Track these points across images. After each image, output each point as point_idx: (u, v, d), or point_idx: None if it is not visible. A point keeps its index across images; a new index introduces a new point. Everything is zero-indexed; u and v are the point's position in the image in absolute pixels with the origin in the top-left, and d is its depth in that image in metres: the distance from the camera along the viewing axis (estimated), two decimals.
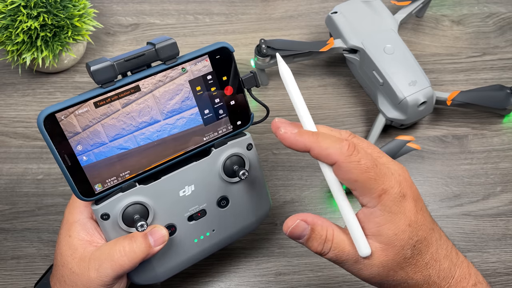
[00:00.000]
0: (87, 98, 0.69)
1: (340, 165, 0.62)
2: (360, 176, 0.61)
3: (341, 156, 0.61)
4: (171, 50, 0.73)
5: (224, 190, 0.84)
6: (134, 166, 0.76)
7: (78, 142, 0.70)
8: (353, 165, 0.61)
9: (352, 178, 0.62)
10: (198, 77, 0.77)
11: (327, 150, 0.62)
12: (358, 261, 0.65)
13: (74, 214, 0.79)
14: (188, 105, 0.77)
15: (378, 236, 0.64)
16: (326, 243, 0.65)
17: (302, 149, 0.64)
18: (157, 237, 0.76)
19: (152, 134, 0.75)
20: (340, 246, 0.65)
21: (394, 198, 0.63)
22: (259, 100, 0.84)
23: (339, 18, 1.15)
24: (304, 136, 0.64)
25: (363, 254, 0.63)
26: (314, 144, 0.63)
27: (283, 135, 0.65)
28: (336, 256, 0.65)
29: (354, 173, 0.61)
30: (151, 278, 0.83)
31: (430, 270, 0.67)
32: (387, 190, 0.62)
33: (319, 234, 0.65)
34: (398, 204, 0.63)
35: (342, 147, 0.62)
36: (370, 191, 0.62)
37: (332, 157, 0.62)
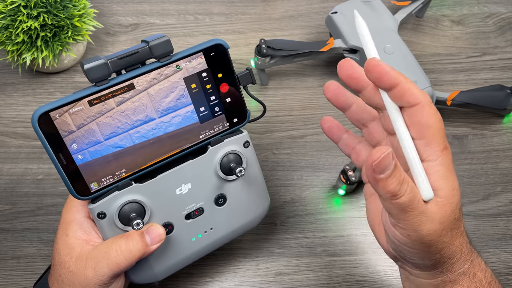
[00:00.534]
0: (81, 97, 0.70)
1: (423, 107, 0.60)
2: (436, 123, 0.61)
3: (426, 100, 0.61)
4: (165, 48, 0.73)
5: (221, 188, 0.84)
6: (130, 164, 0.76)
7: (73, 140, 0.70)
8: (433, 111, 0.61)
9: (428, 123, 0.61)
10: (193, 75, 0.76)
11: (414, 89, 0.60)
12: (424, 212, 0.62)
13: (71, 213, 0.79)
14: (183, 102, 0.77)
15: (438, 190, 0.62)
16: (404, 183, 0.61)
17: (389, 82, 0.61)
18: (153, 236, 0.76)
19: (148, 132, 0.75)
20: (414, 190, 0.62)
21: (450, 157, 0.63)
22: (255, 97, 0.84)
23: (339, 18, 1.15)
24: (395, 70, 0.62)
25: (427, 197, 0.62)
26: (403, 80, 0.61)
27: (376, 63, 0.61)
28: (409, 201, 0.61)
29: (432, 118, 0.61)
30: (149, 277, 0.83)
31: (463, 239, 0.67)
32: (447, 149, 0.62)
33: (399, 172, 0.60)
34: (451, 164, 0.63)
35: (424, 93, 0.61)
36: (437, 142, 0.61)
37: (417, 97, 0.60)
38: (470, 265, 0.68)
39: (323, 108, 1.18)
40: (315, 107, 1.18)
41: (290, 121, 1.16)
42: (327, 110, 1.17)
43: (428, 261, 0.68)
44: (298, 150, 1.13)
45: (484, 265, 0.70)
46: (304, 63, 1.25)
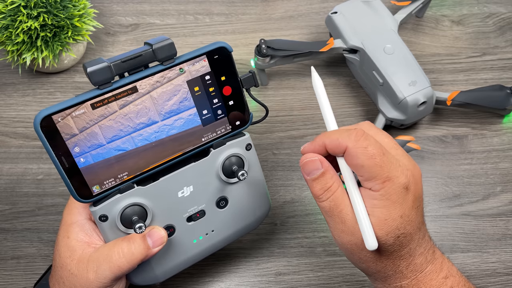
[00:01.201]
0: (84, 100, 0.69)
1: (349, 151, 0.64)
2: (366, 161, 0.63)
3: (350, 142, 0.64)
4: (169, 51, 0.73)
5: (223, 191, 0.84)
6: (132, 167, 0.76)
7: (75, 144, 0.70)
8: (360, 151, 0.64)
9: (359, 164, 0.64)
10: (196, 78, 0.76)
11: (337, 140, 0.65)
12: (345, 223, 0.67)
13: (73, 216, 0.79)
14: (186, 105, 0.77)
15: (370, 216, 0.66)
16: (328, 192, 0.67)
17: (321, 150, 0.68)
18: (155, 239, 0.76)
19: (150, 135, 0.75)
20: (338, 200, 0.67)
21: (396, 187, 0.64)
22: (258, 100, 0.84)
23: (339, 18, 1.15)
24: (317, 138, 0.68)
25: (370, 247, 0.64)
26: (326, 139, 0.67)
27: (303, 150, 0.70)
28: (330, 208, 0.68)
29: (360, 158, 0.64)
30: (150, 279, 0.83)
31: (401, 261, 0.69)
32: (391, 179, 0.64)
33: (326, 180, 0.67)
34: (398, 194, 0.64)
35: (350, 134, 0.65)
36: (375, 177, 0.64)
37: (342, 144, 0.65)
38: (413, 281, 0.70)
39: None
40: (315, 107, 1.18)
41: (290, 121, 1.16)
42: None
43: (357, 266, 0.73)
44: (298, 150, 1.12)
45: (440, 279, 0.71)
46: (304, 63, 1.25)
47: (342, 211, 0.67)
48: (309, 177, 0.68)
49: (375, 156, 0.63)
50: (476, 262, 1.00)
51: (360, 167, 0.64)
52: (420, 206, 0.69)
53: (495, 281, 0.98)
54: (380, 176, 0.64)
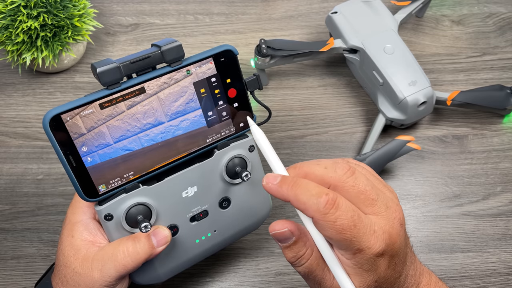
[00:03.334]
0: (93, 100, 0.69)
1: (316, 222, 0.61)
2: (335, 235, 0.60)
3: (317, 213, 0.60)
4: (177, 53, 0.73)
5: (226, 191, 0.84)
6: (138, 167, 0.76)
7: (83, 143, 0.70)
8: (328, 224, 0.60)
9: (327, 235, 0.61)
10: (203, 80, 0.77)
11: (304, 205, 0.61)
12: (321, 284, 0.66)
13: (77, 215, 0.79)
14: (192, 107, 0.77)
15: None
16: (301, 259, 0.65)
17: (285, 200, 0.63)
18: (160, 238, 0.76)
19: (156, 136, 0.75)
20: (313, 267, 0.65)
21: (368, 258, 0.62)
22: (262, 102, 0.84)
23: (339, 18, 1.15)
24: (284, 187, 0.63)
25: None
26: (292, 197, 0.62)
27: (265, 186, 0.65)
28: (305, 273, 0.66)
29: (328, 232, 0.60)
30: (152, 278, 0.83)
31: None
32: (363, 250, 0.61)
33: (299, 248, 0.65)
34: (371, 263, 0.62)
35: (319, 204, 0.60)
36: (344, 249, 0.62)
37: (308, 212, 0.61)
38: None
39: (323, 108, 1.19)
40: (315, 107, 1.19)
41: (290, 121, 1.16)
42: (327, 110, 1.18)
43: None
44: (298, 150, 1.13)
45: None
46: (304, 63, 1.26)
47: (317, 276, 0.66)
48: (281, 244, 0.66)
49: (344, 231, 0.60)
50: (476, 262, 1.00)
51: (329, 238, 0.62)
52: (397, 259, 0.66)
53: (495, 281, 0.98)
54: (350, 249, 0.61)
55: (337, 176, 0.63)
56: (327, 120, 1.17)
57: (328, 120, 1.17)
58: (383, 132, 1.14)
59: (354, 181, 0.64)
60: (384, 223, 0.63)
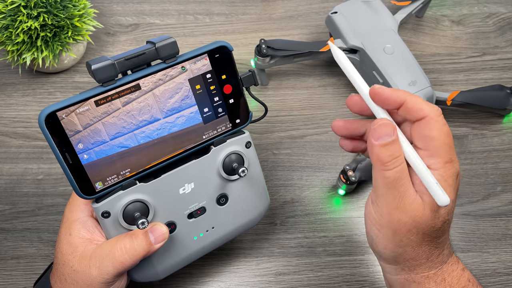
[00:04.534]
0: (88, 97, 0.70)
1: (429, 121, 0.64)
2: (441, 137, 0.64)
3: (432, 112, 0.64)
4: (171, 49, 0.73)
5: (223, 188, 0.84)
6: (134, 164, 0.76)
7: (79, 140, 0.70)
8: (439, 125, 0.64)
9: (431, 135, 0.64)
10: (198, 76, 0.77)
11: (421, 104, 0.64)
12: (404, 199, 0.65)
13: (74, 213, 0.79)
14: (187, 103, 0.77)
15: (425, 195, 0.65)
16: (396, 161, 0.64)
17: (396, 102, 0.65)
18: (157, 235, 0.76)
19: (152, 133, 0.75)
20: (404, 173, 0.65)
21: (453, 171, 0.65)
22: (257, 99, 0.85)
23: (339, 18, 1.15)
24: (399, 91, 0.66)
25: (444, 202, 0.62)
26: (409, 97, 0.65)
27: (379, 90, 0.66)
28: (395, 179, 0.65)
29: (437, 132, 0.63)
30: (151, 276, 0.83)
31: (436, 250, 0.69)
32: (453, 162, 0.64)
33: (396, 149, 0.64)
34: (453, 179, 0.65)
35: (433, 107, 0.64)
36: (440, 155, 0.64)
37: (424, 111, 0.64)
38: (438, 271, 0.71)
39: (323, 108, 1.18)
40: (315, 107, 1.19)
41: (290, 121, 1.16)
42: (327, 110, 1.18)
43: (390, 252, 0.70)
44: (298, 150, 1.13)
45: (459, 271, 0.72)
46: (304, 63, 1.26)
47: (403, 185, 0.65)
48: (377, 142, 0.64)
49: (449, 136, 0.64)
50: (476, 262, 1.00)
51: (431, 140, 0.64)
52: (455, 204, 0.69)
53: (495, 281, 0.98)
54: (445, 156, 0.64)
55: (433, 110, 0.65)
56: (327, 120, 1.16)
57: (328, 120, 1.16)
58: None
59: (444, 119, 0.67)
60: None
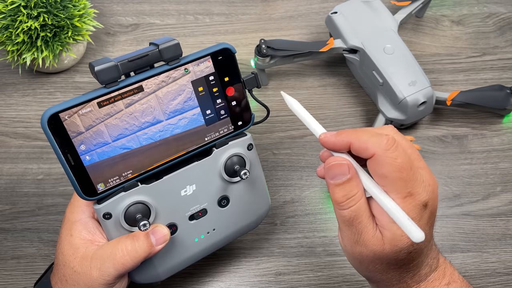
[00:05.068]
0: (91, 98, 0.70)
1: (377, 158, 0.61)
2: (392, 173, 0.61)
3: (379, 149, 0.61)
4: (175, 51, 0.73)
5: (224, 190, 0.84)
6: (136, 165, 0.76)
7: (81, 141, 0.70)
8: (388, 160, 0.61)
9: (383, 173, 0.61)
10: (201, 78, 0.77)
11: (366, 143, 0.62)
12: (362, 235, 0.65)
13: (76, 214, 0.79)
14: (190, 105, 0.77)
15: (386, 229, 0.64)
16: (352, 200, 0.64)
17: (343, 147, 0.64)
18: (158, 236, 0.76)
19: (155, 134, 0.76)
20: (361, 211, 0.64)
21: (416, 204, 0.62)
22: (260, 101, 0.85)
23: (339, 18, 1.15)
24: (343, 134, 0.64)
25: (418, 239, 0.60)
26: (354, 138, 0.63)
27: (324, 139, 0.65)
28: (351, 218, 0.64)
29: (387, 169, 0.61)
30: (152, 277, 0.83)
31: (407, 273, 0.68)
32: (413, 195, 0.62)
33: (351, 187, 0.64)
34: (417, 211, 0.63)
35: (381, 141, 0.61)
36: (397, 191, 0.62)
37: (370, 149, 0.62)
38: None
39: (323, 108, 1.18)
40: (315, 107, 1.19)
41: (290, 121, 1.16)
42: (327, 110, 1.18)
43: (362, 274, 0.72)
44: (298, 150, 1.13)
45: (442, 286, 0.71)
46: (304, 63, 1.26)
47: (361, 222, 0.64)
48: (332, 181, 0.65)
49: (402, 170, 0.61)
50: (476, 262, 1.00)
51: (384, 177, 0.62)
52: (433, 220, 0.67)
53: (495, 281, 0.98)
54: (401, 191, 0.62)
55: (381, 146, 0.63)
56: (327, 120, 1.16)
57: (328, 120, 1.16)
58: None
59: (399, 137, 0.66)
60: (429, 177, 0.65)
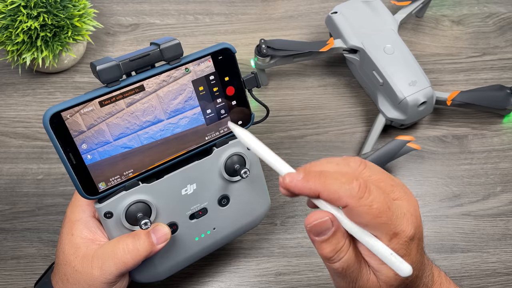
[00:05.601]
0: (93, 97, 0.70)
1: (352, 209, 0.58)
2: (372, 221, 0.58)
3: (352, 199, 0.57)
4: (176, 51, 0.74)
5: (225, 189, 0.84)
6: (137, 165, 0.76)
7: (83, 141, 0.70)
8: (364, 209, 0.57)
9: (363, 223, 0.59)
10: (201, 77, 0.77)
11: (336, 193, 0.58)
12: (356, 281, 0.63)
13: (76, 213, 0.79)
14: (191, 104, 0.77)
15: (379, 272, 0.62)
16: (340, 252, 0.61)
17: (312, 194, 0.60)
18: (159, 235, 0.76)
19: (156, 133, 0.76)
20: (351, 260, 0.61)
21: (403, 242, 0.60)
22: (260, 100, 0.85)
23: (339, 18, 1.15)
24: (311, 180, 0.60)
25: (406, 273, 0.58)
26: (322, 188, 0.59)
27: (289, 184, 0.61)
28: (343, 269, 0.62)
29: (365, 218, 0.58)
30: (152, 276, 0.83)
31: None
32: (398, 234, 0.60)
33: (338, 240, 0.60)
34: (406, 247, 0.61)
35: (352, 189, 0.58)
36: (381, 234, 0.59)
37: (342, 200, 0.58)
38: None
39: (323, 108, 1.18)
40: (315, 107, 1.19)
41: (290, 121, 1.16)
42: (327, 110, 1.18)
43: None
44: (298, 150, 1.13)
45: None
46: (304, 63, 1.26)
47: (354, 271, 0.62)
48: (318, 239, 0.61)
49: (380, 214, 0.58)
50: (476, 262, 1.00)
51: (364, 226, 0.59)
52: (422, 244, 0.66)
53: (495, 281, 0.98)
54: (386, 233, 0.59)
55: (351, 169, 0.62)
56: (327, 120, 1.17)
57: (328, 120, 1.17)
58: (383, 132, 1.14)
59: (369, 172, 0.62)
60: (408, 207, 0.62)
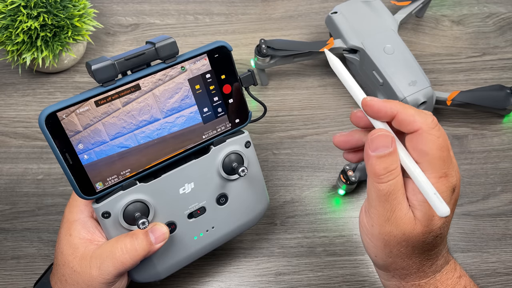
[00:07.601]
0: (88, 97, 0.70)
1: (421, 134, 0.61)
2: (434, 151, 0.61)
3: (425, 125, 0.61)
4: (171, 49, 0.73)
5: (223, 188, 0.84)
6: (134, 164, 0.76)
7: (79, 140, 0.70)
8: (432, 138, 0.61)
9: (425, 150, 0.61)
10: (197, 76, 0.77)
11: (413, 116, 0.62)
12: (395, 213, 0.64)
13: (74, 213, 0.79)
14: (187, 103, 0.77)
15: (417, 210, 0.63)
16: (391, 174, 0.63)
17: (388, 115, 0.63)
18: (158, 235, 0.76)
19: (152, 133, 0.76)
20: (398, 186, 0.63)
21: (448, 186, 0.63)
22: (257, 98, 0.85)
23: (339, 18, 1.15)
24: (392, 102, 0.63)
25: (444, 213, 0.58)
26: (401, 110, 0.62)
27: (370, 102, 0.63)
28: (388, 192, 0.63)
29: (429, 146, 0.61)
30: (151, 276, 0.83)
31: (427, 261, 0.68)
32: (447, 176, 0.62)
33: (392, 161, 0.62)
34: (447, 193, 0.63)
35: (427, 118, 0.62)
36: (434, 169, 0.62)
37: (416, 124, 0.61)
38: (431, 280, 0.70)
39: (323, 108, 1.18)
40: (315, 107, 1.18)
41: (290, 121, 1.16)
42: (327, 110, 1.18)
43: (381, 260, 0.70)
44: (298, 150, 1.13)
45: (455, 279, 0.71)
46: (304, 63, 1.25)
47: (396, 199, 0.63)
48: (374, 154, 0.63)
49: (443, 149, 0.61)
50: (476, 262, 1.00)
51: (424, 154, 0.62)
52: (454, 210, 0.67)
53: (495, 281, 0.98)
54: (438, 170, 0.62)
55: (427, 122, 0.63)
56: (327, 120, 1.16)
57: (328, 120, 1.16)
58: None
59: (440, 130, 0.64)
60: (457, 167, 0.65)
